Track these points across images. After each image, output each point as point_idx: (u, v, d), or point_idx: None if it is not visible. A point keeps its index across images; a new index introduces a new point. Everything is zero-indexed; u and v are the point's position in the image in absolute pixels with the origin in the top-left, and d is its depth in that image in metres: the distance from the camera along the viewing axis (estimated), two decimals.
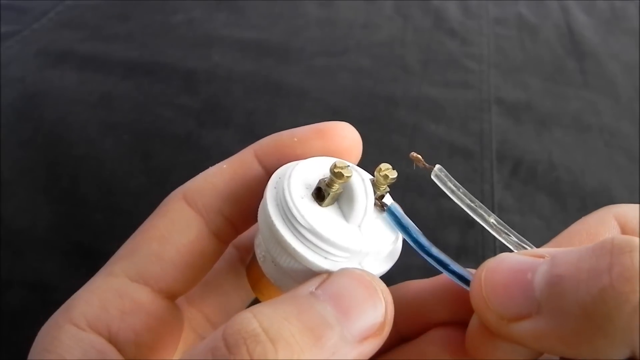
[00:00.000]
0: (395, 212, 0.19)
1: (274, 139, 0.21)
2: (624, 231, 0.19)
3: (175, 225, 0.20)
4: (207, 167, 0.22)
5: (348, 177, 0.18)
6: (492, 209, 0.41)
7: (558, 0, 0.65)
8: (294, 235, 0.17)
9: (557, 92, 0.53)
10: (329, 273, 0.17)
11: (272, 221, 0.18)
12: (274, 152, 0.21)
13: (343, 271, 0.17)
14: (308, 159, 0.19)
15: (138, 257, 0.20)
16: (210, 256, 0.21)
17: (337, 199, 0.19)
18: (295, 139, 0.21)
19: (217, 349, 0.15)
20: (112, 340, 0.19)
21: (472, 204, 0.19)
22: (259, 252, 0.19)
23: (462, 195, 0.20)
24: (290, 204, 0.17)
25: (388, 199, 0.20)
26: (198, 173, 0.22)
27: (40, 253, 0.36)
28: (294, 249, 0.17)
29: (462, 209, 0.20)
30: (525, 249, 0.19)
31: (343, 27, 0.59)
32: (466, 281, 0.18)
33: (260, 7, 0.61)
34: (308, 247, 0.17)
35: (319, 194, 0.18)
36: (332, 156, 0.20)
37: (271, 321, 0.15)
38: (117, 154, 0.43)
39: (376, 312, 0.16)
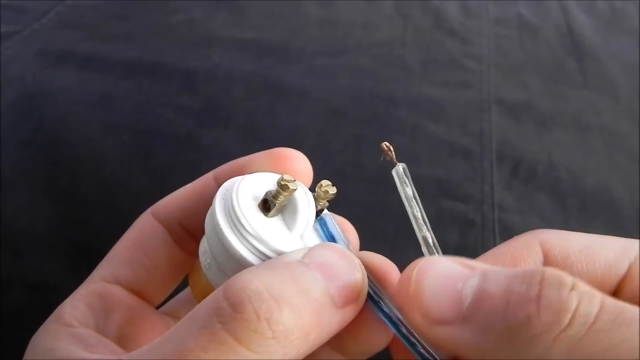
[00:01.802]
0: (327, 222, 0.21)
1: (230, 163, 0.23)
2: (546, 257, 0.20)
3: (143, 234, 0.23)
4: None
5: (293, 190, 0.19)
6: (492, 209, 0.41)
7: (558, 0, 0.65)
8: (242, 242, 0.18)
9: (557, 92, 0.53)
10: (308, 247, 0.18)
11: (220, 229, 0.19)
12: (229, 173, 0.22)
13: (324, 244, 0.19)
14: (255, 174, 0.21)
15: (112, 263, 0.22)
16: (177, 264, 0.23)
17: (281, 211, 0.20)
18: (247, 158, 0.22)
19: (221, 310, 0.15)
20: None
21: (415, 214, 0.21)
22: (204, 260, 0.20)
23: (409, 200, 0.21)
24: (239, 213, 0.19)
25: (325, 213, 0.21)
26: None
27: (40, 253, 0.36)
28: (241, 255, 0.18)
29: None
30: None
31: (343, 27, 0.59)
32: (372, 299, 0.19)
33: (260, 7, 0.61)
34: (254, 254, 0.18)
35: (265, 205, 0.19)
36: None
37: (271, 282, 0.16)
38: (117, 154, 0.43)
39: (356, 280, 0.18)
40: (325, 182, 0.21)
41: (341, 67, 0.53)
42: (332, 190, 0.20)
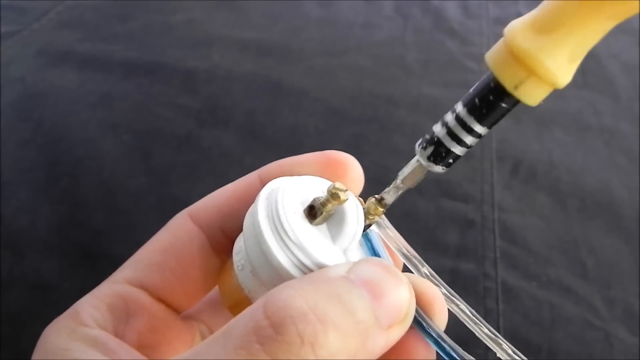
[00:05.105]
0: (373, 239, 0.19)
1: (277, 162, 0.22)
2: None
3: (179, 239, 0.21)
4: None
5: (344, 200, 0.18)
6: (492, 209, 0.41)
7: None
8: (282, 249, 0.17)
9: (557, 92, 0.52)
10: (352, 262, 0.17)
11: (260, 231, 0.17)
12: (276, 173, 0.21)
13: (370, 259, 0.18)
14: (303, 176, 0.19)
15: (140, 266, 0.20)
16: (211, 272, 0.21)
17: (327, 220, 0.19)
18: (296, 159, 0.21)
19: (261, 329, 0.14)
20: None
21: (407, 254, 0.20)
22: (238, 260, 0.19)
23: (399, 245, 0.20)
24: (283, 217, 0.17)
25: (374, 228, 0.20)
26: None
27: (40, 253, 0.36)
28: (279, 263, 0.17)
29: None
30: (454, 299, 0.19)
31: (343, 27, 0.59)
32: (417, 321, 0.18)
33: (260, 7, 0.61)
34: (294, 264, 0.17)
35: (311, 212, 0.18)
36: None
37: (316, 300, 0.14)
38: (117, 154, 0.43)
39: (403, 300, 0.16)
40: (377, 197, 0.19)
41: (341, 67, 0.53)
42: (383, 207, 0.19)
